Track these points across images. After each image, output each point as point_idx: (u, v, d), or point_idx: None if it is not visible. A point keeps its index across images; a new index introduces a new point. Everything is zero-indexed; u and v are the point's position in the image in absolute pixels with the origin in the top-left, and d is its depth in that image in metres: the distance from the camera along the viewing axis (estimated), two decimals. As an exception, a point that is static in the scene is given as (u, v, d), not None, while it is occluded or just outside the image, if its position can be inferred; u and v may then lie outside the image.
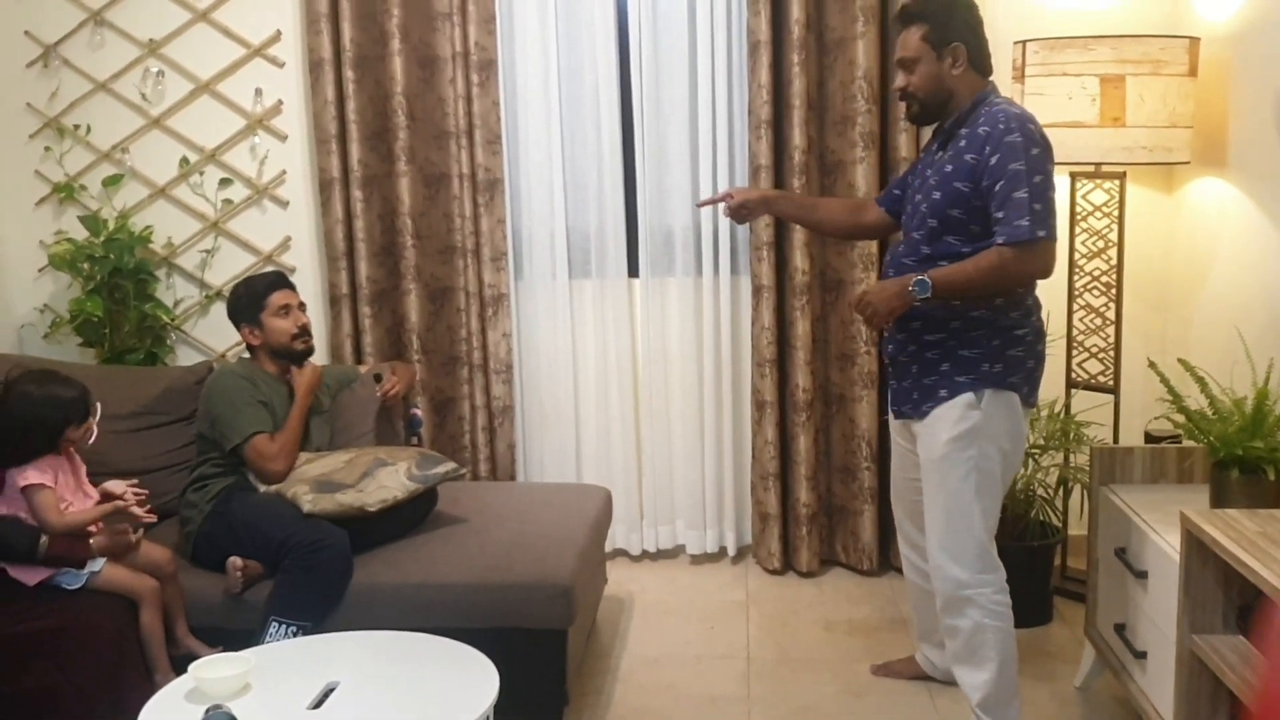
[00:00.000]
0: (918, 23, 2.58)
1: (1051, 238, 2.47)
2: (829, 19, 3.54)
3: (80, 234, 3.70)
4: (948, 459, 2.58)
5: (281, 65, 3.69)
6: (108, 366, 3.62)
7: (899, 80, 2.65)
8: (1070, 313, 3.46)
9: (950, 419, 2.57)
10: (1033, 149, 2.48)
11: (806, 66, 3.52)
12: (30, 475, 2.68)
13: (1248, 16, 3.14)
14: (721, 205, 3.01)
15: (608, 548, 3.51)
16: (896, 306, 2.54)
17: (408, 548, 2.99)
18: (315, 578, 2.83)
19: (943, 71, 2.56)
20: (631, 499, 3.84)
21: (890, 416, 2.85)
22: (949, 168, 2.55)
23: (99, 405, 2.81)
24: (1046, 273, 2.51)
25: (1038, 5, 3.52)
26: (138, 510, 2.80)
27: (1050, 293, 3.38)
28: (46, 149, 3.74)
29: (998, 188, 2.45)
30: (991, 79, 2.64)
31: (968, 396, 2.55)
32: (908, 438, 2.77)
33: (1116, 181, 3.36)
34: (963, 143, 2.53)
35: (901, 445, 2.83)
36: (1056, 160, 3.20)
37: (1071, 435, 3.41)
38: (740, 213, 2.96)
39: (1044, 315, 2.72)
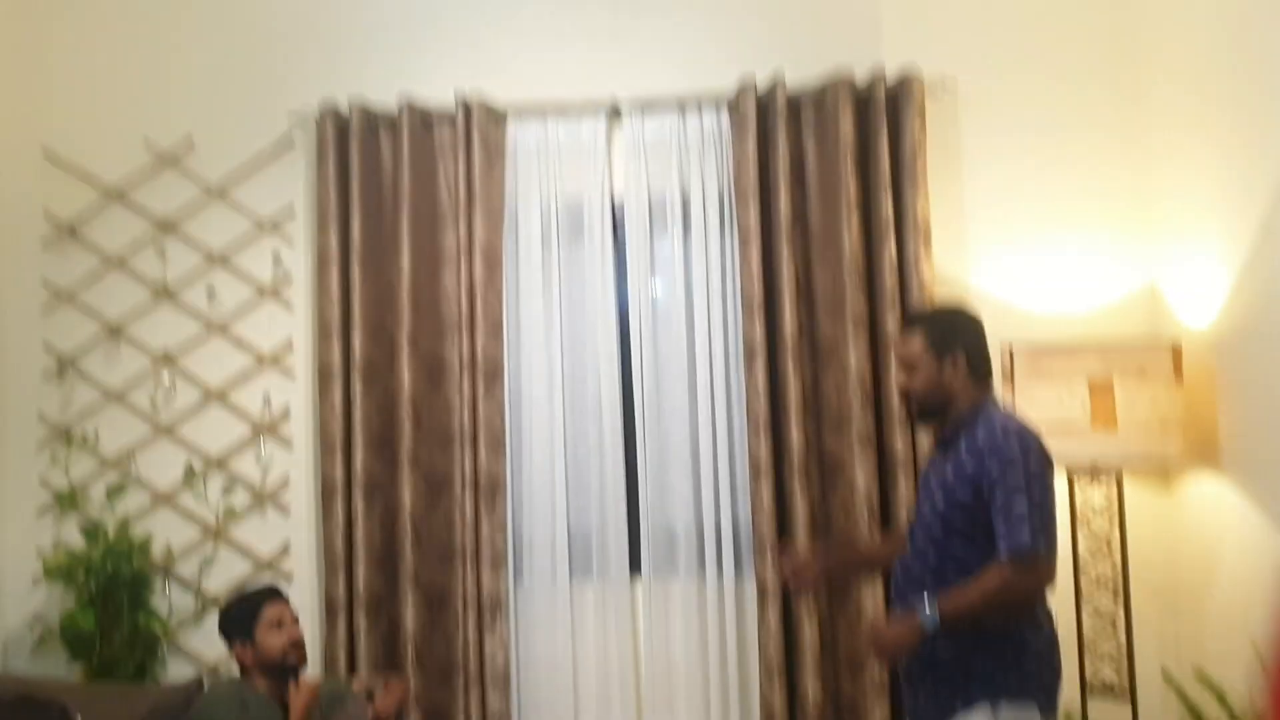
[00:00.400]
0: (921, 328, 2.69)
1: (1052, 549, 2.50)
2: (821, 326, 3.67)
3: (78, 543, 3.69)
4: None
5: (292, 375, 3.79)
6: (93, 683, 3.51)
7: (899, 379, 2.73)
8: (1079, 617, 3.39)
9: None
10: (1031, 461, 2.52)
11: (800, 369, 3.62)
12: None
13: (1226, 323, 3.25)
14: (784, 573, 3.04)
15: None
16: (908, 646, 2.54)
17: None
18: None
19: (943, 376, 2.64)
20: (636, 821, 3.63)
21: None
22: (950, 477, 2.59)
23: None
24: (1049, 584, 2.53)
25: (1021, 309, 3.66)
26: None
27: (1058, 597, 3.34)
28: (53, 458, 3.79)
29: (999, 500, 2.49)
30: (992, 388, 2.70)
31: (984, 710, 2.48)
32: None
33: (1114, 482, 3.38)
34: (963, 452, 2.58)
35: None
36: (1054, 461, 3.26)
37: (1093, 748, 3.27)
38: (800, 582, 3.01)
39: (1055, 623, 2.67)
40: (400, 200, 3.76)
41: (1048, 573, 2.52)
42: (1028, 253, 3.68)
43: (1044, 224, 3.68)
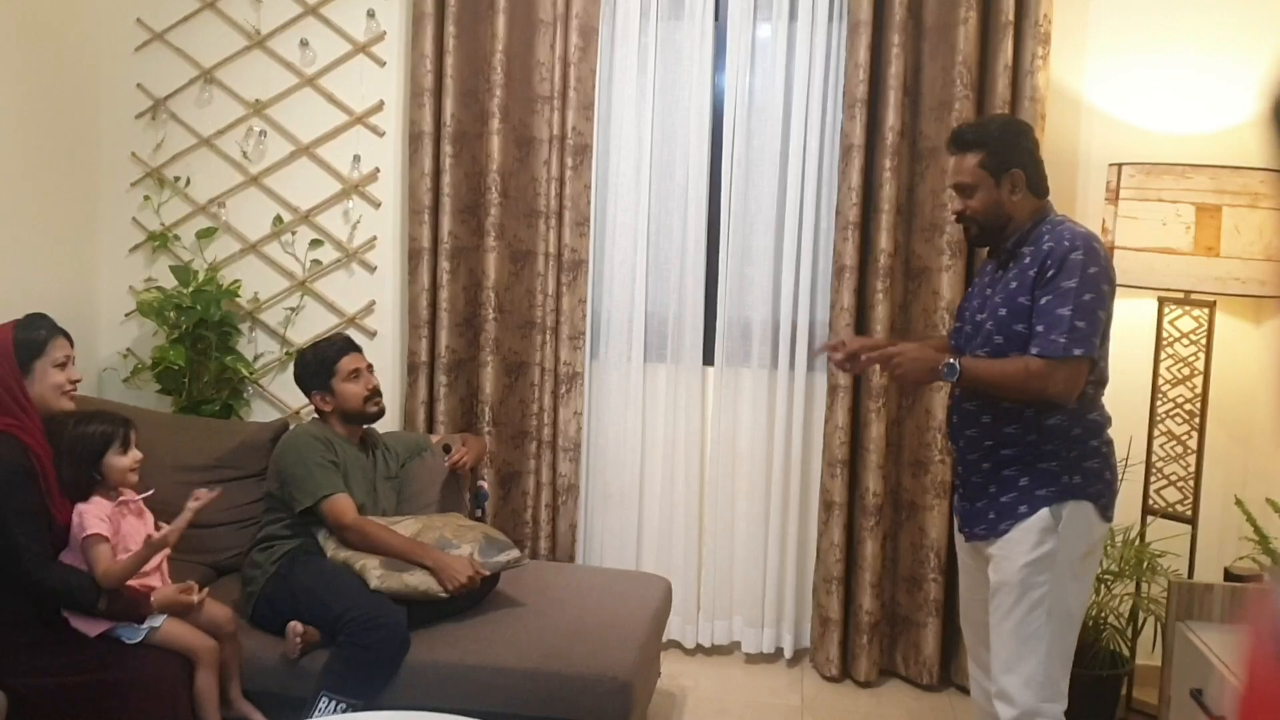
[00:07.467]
0: (975, 150, 2.55)
1: (1088, 357, 2.40)
2: (923, 127, 3.56)
3: (170, 283, 3.78)
4: (1023, 584, 2.52)
5: (382, 135, 3.76)
6: (183, 416, 3.66)
7: (955, 204, 2.62)
8: (1150, 438, 3.40)
9: (1027, 543, 2.52)
10: (1090, 268, 2.44)
11: (898, 172, 3.53)
12: (90, 523, 2.69)
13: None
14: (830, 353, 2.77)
15: (663, 638, 3.46)
16: (924, 379, 2.68)
17: (466, 627, 2.97)
18: (370, 656, 2.81)
19: (1001, 197, 2.54)
20: (690, 590, 3.79)
21: (959, 538, 2.79)
22: (1014, 284, 2.52)
23: (134, 435, 2.82)
24: (1068, 396, 2.41)
25: (1135, 128, 3.52)
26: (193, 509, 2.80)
27: (1131, 417, 3.36)
28: (146, 198, 3.84)
29: (1044, 301, 2.43)
30: (1049, 198, 2.60)
31: (1046, 514, 2.50)
32: (978, 559, 2.71)
33: (1206, 310, 3.32)
34: (1026, 260, 2.51)
35: (970, 565, 2.77)
36: (1147, 285, 3.19)
37: (1146, 564, 3.33)
38: (849, 364, 2.70)
39: (1112, 436, 2.66)
40: (499, -40, 3.64)
41: (1072, 381, 2.40)
42: (1148, 69, 3.51)
43: (1170, 41, 3.50)
